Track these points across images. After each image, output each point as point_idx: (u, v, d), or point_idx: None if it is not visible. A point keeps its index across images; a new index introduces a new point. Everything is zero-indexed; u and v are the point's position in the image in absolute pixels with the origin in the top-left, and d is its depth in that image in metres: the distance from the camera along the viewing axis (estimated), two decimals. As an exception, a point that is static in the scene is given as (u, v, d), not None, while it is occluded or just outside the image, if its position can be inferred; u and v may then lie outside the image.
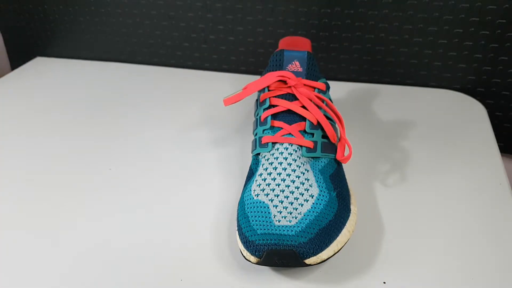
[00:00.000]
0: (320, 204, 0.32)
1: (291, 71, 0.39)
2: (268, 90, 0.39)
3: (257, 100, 0.42)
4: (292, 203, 0.32)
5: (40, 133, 0.51)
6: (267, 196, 0.33)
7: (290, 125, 0.37)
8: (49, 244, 0.36)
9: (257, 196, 0.33)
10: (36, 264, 0.34)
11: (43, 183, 0.43)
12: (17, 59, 0.75)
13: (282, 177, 0.34)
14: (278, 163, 0.35)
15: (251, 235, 0.31)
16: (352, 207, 0.35)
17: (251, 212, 0.33)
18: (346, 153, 0.47)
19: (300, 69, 0.39)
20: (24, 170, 0.45)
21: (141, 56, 0.68)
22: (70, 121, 0.53)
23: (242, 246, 0.32)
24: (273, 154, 0.36)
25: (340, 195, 0.34)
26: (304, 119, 0.37)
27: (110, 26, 0.66)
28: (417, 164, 0.44)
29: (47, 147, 0.48)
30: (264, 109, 0.39)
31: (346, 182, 0.37)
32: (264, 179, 0.34)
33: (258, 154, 0.38)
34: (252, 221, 0.32)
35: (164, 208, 0.40)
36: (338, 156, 0.37)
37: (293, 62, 0.39)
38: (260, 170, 0.36)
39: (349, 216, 0.34)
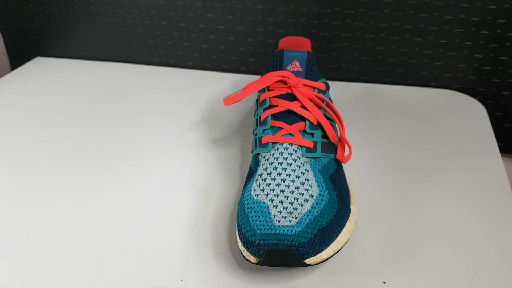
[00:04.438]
0: (320, 204, 0.32)
1: (291, 71, 0.39)
2: (268, 90, 0.39)
3: (257, 100, 0.42)
4: (292, 203, 0.32)
5: (40, 133, 0.51)
6: (267, 196, 0.33)
7: (290, 125, 0.37)
8: (48, 243, 0.36)
9: (257, 196, 0.33)
10: (35, 264, 0.34)
11: (43, 183, 0.43)
12: (17, 59, 0.75)
13: (282, 177, 0.34)
14: (278, 163, 0.35)
15: (251, 235, 0.31)
16: (352, 207, 0.35)
17: (251, 212, 0.33)
18: (346, 153, 0.47)
19: (300, 69, 0.39)
20: (23, 169, 0.45)
21: (141, 56, 0.68)
22: (70, 121, 0.53)
23: (242, 246, 0.32)
24: (273, 154, 0.36)
25: (340, 195, 0.34)
26: (304, 119, 0.37)
27: (110, 26, 0.66)
28: (417, 164, 0.44)
29: (47, 147, 0.48)
30: (264, 109, 0.39)
31: (346, 182, 0.37)
32: (264, 179, 0.34)
33: (258, 154, 0.38)
34: (252, 221, 0.32)
35: (164, 208, 0.40)
36: (338, 156, 0.37)
37: (293, 62, 0.39)
38: (260, 170, 0.36)
39: (349, 216, 0.34)
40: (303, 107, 0.38)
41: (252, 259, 0.31)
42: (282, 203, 0.32)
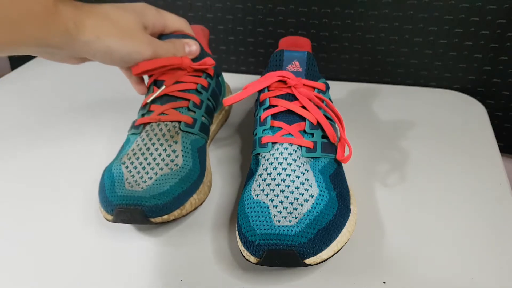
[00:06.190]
0: (320, 204, 0.32)
1: (291, 71, 0.39)
2: (268, 90, 0.39)
3: (257, 100, 0.42)
4: (292, 203, 0.32)
5: (40, 133, 0.51)
6: (267, 196, 0.33)
7: (290, 125, 0.37)
8: (47, 242, 0.36)
9: (257, 196, 0.33)
10: (34, 264, 0.34)
11: (43, 182, 0.43)
12: (17, 59, 0.75)
13: (282, 177, 0.34)
14: (278, 163, 0.35)
15: (251, 235, 0.31)
16: (352, 207, 0.35)
17: (251, 212, 0.33)
18: (346, 153, 0.47)
19: (300, 69, 0.39)
20: (23, 169, 0.45)
21: (141, 56, 0.68)
22: (70, 120, 0.53)
23: (242, 246, 0.32)
24: (273, 154, 0.36)
25: (340, 195, 0.34)
26: (304, 119, 0.38)
27: (110, 26, 0.66)
28: (417, 164, 0.44)
29: (47, 147, 0.48)
30: (264, 109, 0.39)
31: (346, 182, 0.37)
32: (264, 179, 0.34)
33: (258, 154, 0.38)
34: (252, 221, 0.32)
35: (164, 208, 0.39)
36: (338, 156, 0.37)
37: (293, 62, 0.39)
38: (260, 170, 0.36)
39: (349, 216, 0.34)
40: (303, 107, 0.38)
41: (252, 259, 0.31)
42: (282, 203, 0.32)
